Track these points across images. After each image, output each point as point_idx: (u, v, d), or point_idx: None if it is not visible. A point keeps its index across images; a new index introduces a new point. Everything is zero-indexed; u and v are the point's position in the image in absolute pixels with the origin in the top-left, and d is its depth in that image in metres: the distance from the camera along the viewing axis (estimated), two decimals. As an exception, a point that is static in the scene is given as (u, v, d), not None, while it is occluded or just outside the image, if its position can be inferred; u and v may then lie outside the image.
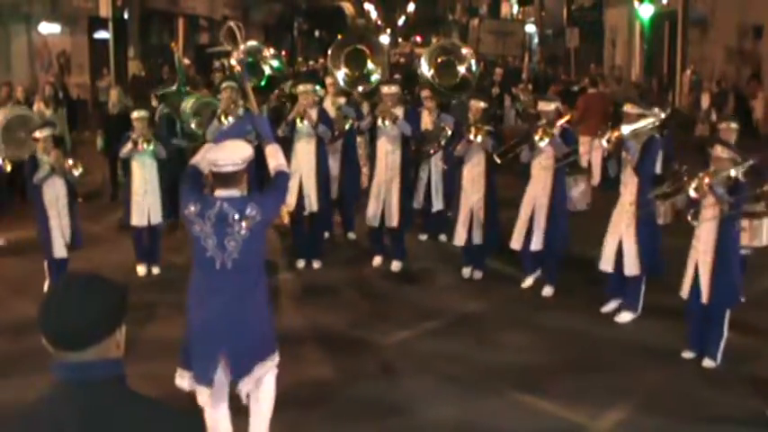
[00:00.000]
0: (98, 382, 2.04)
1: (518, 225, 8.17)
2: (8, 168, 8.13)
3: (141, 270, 8.96)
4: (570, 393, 6.03)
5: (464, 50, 10.45)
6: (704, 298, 6.40)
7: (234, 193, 4.54)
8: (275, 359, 4.86)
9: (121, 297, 2.11)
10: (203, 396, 4.75)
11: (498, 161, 8.32)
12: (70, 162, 7.97)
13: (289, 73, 14.93)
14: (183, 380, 4.80)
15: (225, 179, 4.52)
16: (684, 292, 6.54)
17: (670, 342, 6.93)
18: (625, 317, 7.51)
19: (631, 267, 7.36)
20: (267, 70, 10.50)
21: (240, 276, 4.56)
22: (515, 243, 8.21)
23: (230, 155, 4.51)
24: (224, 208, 4.48)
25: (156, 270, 9.03)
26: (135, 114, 8.87)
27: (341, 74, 10.29)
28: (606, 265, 7.51)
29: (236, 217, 4.47)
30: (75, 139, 16.19)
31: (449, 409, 5.83)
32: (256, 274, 4.70)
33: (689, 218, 6.46)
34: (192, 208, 4.54)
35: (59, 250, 7.97)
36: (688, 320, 6.70)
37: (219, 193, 4.55)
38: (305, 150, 8.91)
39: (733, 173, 6.25)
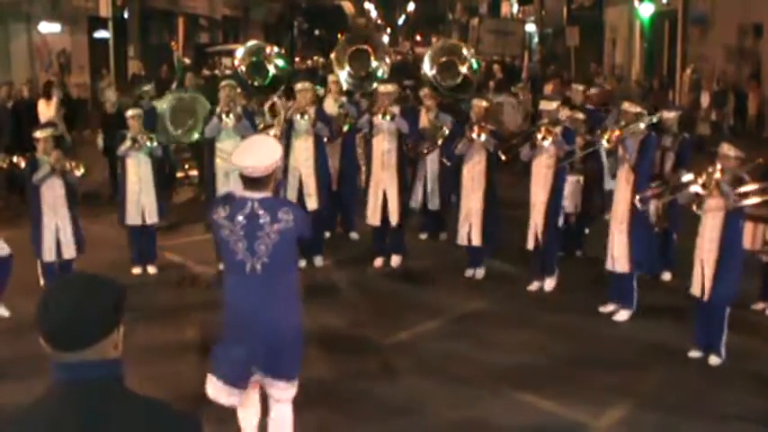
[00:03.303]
0: (96, 383, 2.03)
1: (530, 225, 8.15)
2: (23, 165, 8.11)
3: (136, 270, 8.94)
4: (571, 392, 6.03)
5: (465, 51, 10.46)
6: (705, 295, 6.40)
7: (265, 194, 4.48)
8: (294, 387, 4.78)
9: (119, 297, 2.09)
10: (231, 397, 4.69)
11: (504, 158, 8.33)
12: (73, 163, 7.95)
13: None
14: (212, 386, 4.72)
15: (254, 183, 4.44)
16: (696, 289, 6.52)
17: (671, 340, 6.93)
18: (622, 315, 7.52)
19: (622, 264, 7.37)
20: (272, 70, 10.49)
21: (270, 281, 4.49)
22: (530, 244, 8.18)
23: (260, 161, 4.39)
24: (255, 208, 4.41)
25: (152, 270, 9.02)
26: (130, 113, 8.89)
27: (344, 73, 10.29)
28: (610, 264, 7.52)
29: (268, 219, 4.40)
30: (76, 139, 16.19)
31: (450, 407, 5.82)
32: (287, 281, 4.62)
33: (694, 207, 6.48)
34: (222, 212, 4.48)
35: (49, 253, 7.92)
36: (696, 319, 6.70)
37: (250, 194, 4.47)
38: (303, 148, 8.92)
39: (739, 171, 6.26)
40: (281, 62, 10.82)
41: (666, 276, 8.50)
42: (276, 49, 11.27)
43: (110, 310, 2.06)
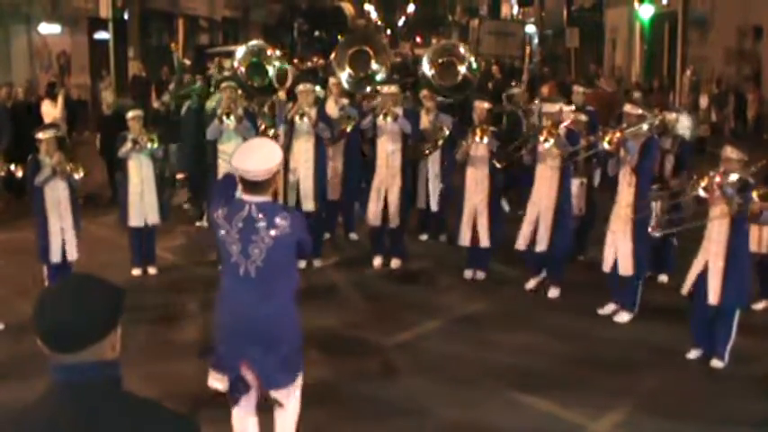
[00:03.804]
0: (93, 384, 2.02)
1: (524, 226, 8.15)
2: (19, 174, 8.06)
3: (136, 271, 8.93)
4: (570, 394, 6.02)
5: (462, 49, 10.46)
6: (715, 299, 6.37)
7: (263, 198, 4.44)
8: (297, 384, 4.76)
9: (117, 298, 2.09)
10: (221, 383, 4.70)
11: (499, 165, 8.33)
12: (72, 165, 7.91)
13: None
14: (215, 382, 4.72)
15: (253, 186, 4.39)
16: (686, 290, 6.52)
17: (671, 342, 6.92)
18: (623, 317, 7.52)
19: (626, 268, 7.36)
20: (271, 71, 10.48)
21: (263, 286, 4.45)
22: (520, 244, 8.19)
23: (260, 165, 4.34)
24: (252, 212, 4.38)
25: (152, 270, 9.01)
26: (130, 114, 8.85)
27: (345, 75, 10.28)
28: (608, 266, 7.52)
29: (264, 223, 4.36)
30: (76, 140, 16.21)
31: (449, 408, 5.82)
32: (283, 287, 4.56)
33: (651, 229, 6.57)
34: (221, 212, 4.46)
35: (56, 255, 7.88)
36: (694, 320, 6.69)
37: (248, 197, 4.43)
38: (303, 149, 8.92)
39: (742, 174, 6.26)
40: (280, 64, 10.80)
41: (663, 278, 8.51)
42: (278, 52, 11.25)
43: (107, 311, 2.06)
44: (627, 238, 7.32)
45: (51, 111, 14.16)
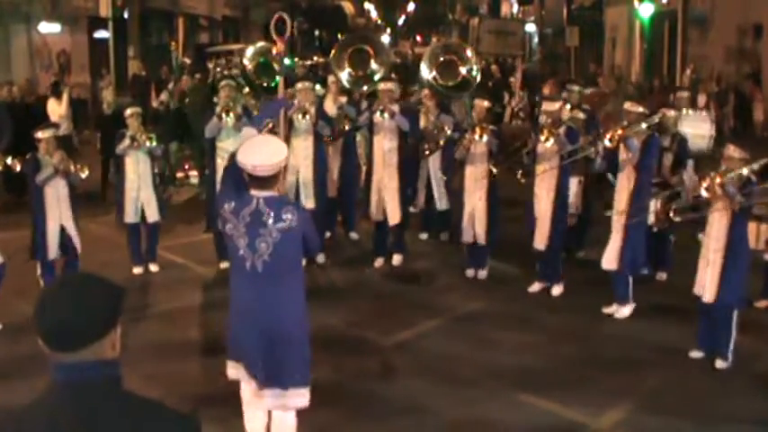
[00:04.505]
0: (94, 383, 2.02)
1: (538, 225, 8.12)
2: (17, 168, 8.05)
3: (138, 270, 8.93)
4: (571, 392, 6.02)
5: (467, 51, 10.46)
6: (710, 297, 6.37)
7: (271, 192, 4.46)
8: (303, 397, 4.73)
9: (117, 297, 2.08)
10: (247, 392, 4.82)
11: (494, 170, 8.32)
12: (78, 165, 7.90)
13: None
14: (232, 370, 4.81)
15: (261, 182, 4.40)
16: (698, 289, 6.51)
17: (671, 340, 6.92)
18: (622, 312, 7.51)
19: (611, 262, 7.39)
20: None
21: (270, 281, 4.46)
22: (538, 243, 8.16)
23: (268, 159, 4.35)
24: (260, 206, 4.40)
25: (154, 268, 9.01)
26: (128, 111, 8.85)
27: (345, 74, 10.27)
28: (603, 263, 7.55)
29: (271, 218, 4.39)
30: (76, 138, 16.21)
31: (450, 407, 5.81)
32: (290, 281, 4.57)
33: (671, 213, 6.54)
34: (227, 206, 4.48)
35: (53, 252, 7.89)
36: (700, 322, 6.67)
37: (256, 192, 4.45)
38: (302, 147, 8.92)
39: (744, 172, 6.24)
40: (287, 62, 10.83)
41: (662, 276, 8.50)
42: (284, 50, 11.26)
43: (107, 310, 2.05)
44: (618, 235, 7.34)
45: (57, 109, 14.22)
